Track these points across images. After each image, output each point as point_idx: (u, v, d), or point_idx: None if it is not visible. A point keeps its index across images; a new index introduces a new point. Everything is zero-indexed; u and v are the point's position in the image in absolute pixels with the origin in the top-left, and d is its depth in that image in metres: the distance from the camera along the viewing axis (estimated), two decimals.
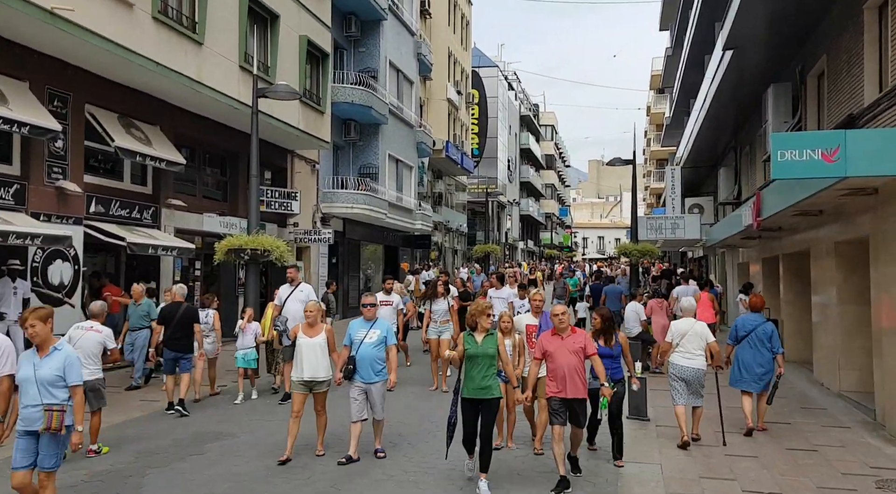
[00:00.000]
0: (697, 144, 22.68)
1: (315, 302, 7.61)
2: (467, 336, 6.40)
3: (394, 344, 7.28)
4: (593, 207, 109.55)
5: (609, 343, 7.39)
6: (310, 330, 7.27)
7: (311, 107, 18.17)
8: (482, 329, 6.38)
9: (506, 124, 51.42)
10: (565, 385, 6.38)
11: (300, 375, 7.14)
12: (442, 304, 11.46)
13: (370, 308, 7.30)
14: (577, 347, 6.48)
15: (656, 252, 20.32)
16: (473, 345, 6.29)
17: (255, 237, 12.03)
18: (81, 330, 7.42)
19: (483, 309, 6.42)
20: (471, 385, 6.26)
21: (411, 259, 30.34)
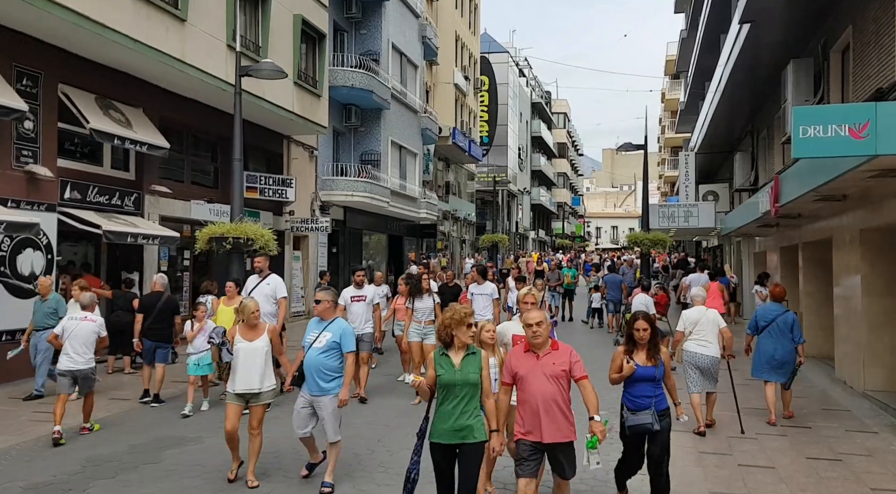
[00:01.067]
0: (712, 128, 21.74)
1: (254, 301, 6.27)
2: (440, 356, 4.60)
3: (351, 352, 5.90)
4: (607, 196, 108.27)
5: (652, 359, 5.34)
6: (249, 331, 6.05)
7: (307, 90, 17.43)
8: (460, 345, 4.58)
9: (516, 111, 50.46)
10: (539, 423, 4.58)
11: (233, 386, 5.98)
12: (427, 301, 10.02)
13: (320, 304, 6.01)
14: (559, 370, 4.67)
15: (668, 241, 19.45)
16: (449, 369, 4.50)
17: (238, 225, 11.32)
18: (76, 320, 7.77)
19: (461, 317, 4.56)
20: (443, 424, 4.46)
21: (417, 248, 29.62)
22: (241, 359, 5.96)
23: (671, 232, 23.13)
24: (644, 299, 12.59)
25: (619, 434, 5.55)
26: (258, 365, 5.97)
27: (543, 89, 65.48)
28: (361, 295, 9.98)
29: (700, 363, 8.10)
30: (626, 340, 5.53)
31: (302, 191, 19.64)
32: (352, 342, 5.94)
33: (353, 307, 9.78)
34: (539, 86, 63.44)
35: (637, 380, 5.32)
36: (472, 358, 4.58)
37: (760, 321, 8.73)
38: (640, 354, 5.37)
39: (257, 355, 5.98)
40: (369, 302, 9.99)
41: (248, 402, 6.01)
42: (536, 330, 4.71)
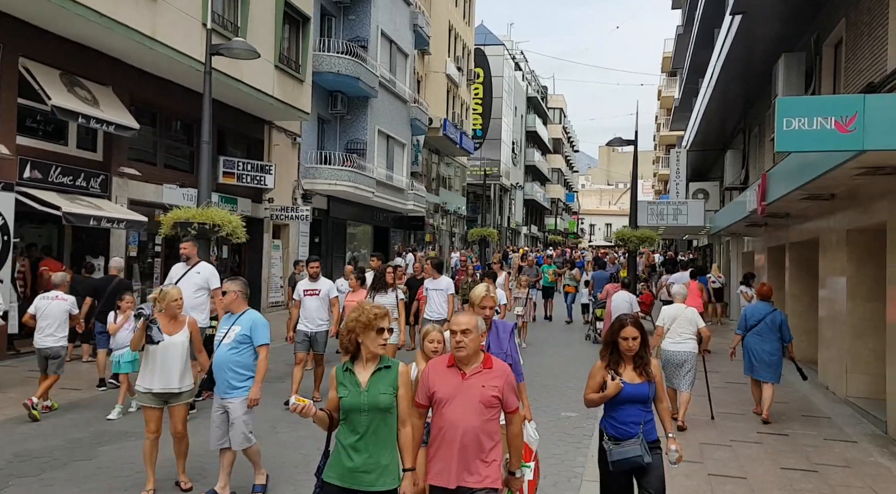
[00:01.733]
0: (705, 125, 21.37)
1: (176, 288, 5.61)
2: (342, 372, 3.51)
3: (263, 345, 5.26)
4: (602, 194, 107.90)
5: (644, 375, 4.24)
6: (169, 324, 5.42)
7: (289, 74, 16.97)
8: (369, 356, 3.50)
9: (511, 105, 49.99)
10: (451, 463, 3.49)
11: (149, 384, 5.36)
12: (389, 297, 9.28)
13: (227, 296, 5.38)
14: (489, 395, 3.53)
15: (656, 238, 19.08)
16: (353, 389, 3.43)
17: (205, 210, 10.86)
18: (48, 300, 8.01)
19: (370, 319, 3.46)
20: (341, 463, 3.43)
21: (404, 241, 29.21)
22: (160, 355, 5.35)
23: (660, 230, 22.76)
24: (626, 297, 12.21)
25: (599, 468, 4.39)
26: (178, 363, 5.38)
27: (540, 84, 64.98)
28: (316, 288, 8.95)
29: (675, 359, 8.14)
30: (606, 350, 4.37)
31: (283, 178, 19.20)
32: (264, 334, 5.29)
33: (307, 301, 8.84)
34: (535, 81, 62.94)
35: (623, 402, 4.18)
36: (384, 373, 3.47)
37: (749, 320, 8.76)
38: (628, 369, 4.23)
39: (177, 350, 5.39)
40: (324, 296, 8.95)
41: (166, 403, 5.44)
42: (461, 339, 3.54)
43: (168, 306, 5.43)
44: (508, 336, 4.75)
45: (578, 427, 8.07)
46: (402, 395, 3.49)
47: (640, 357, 4.26)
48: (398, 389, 3.49)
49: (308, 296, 8.87)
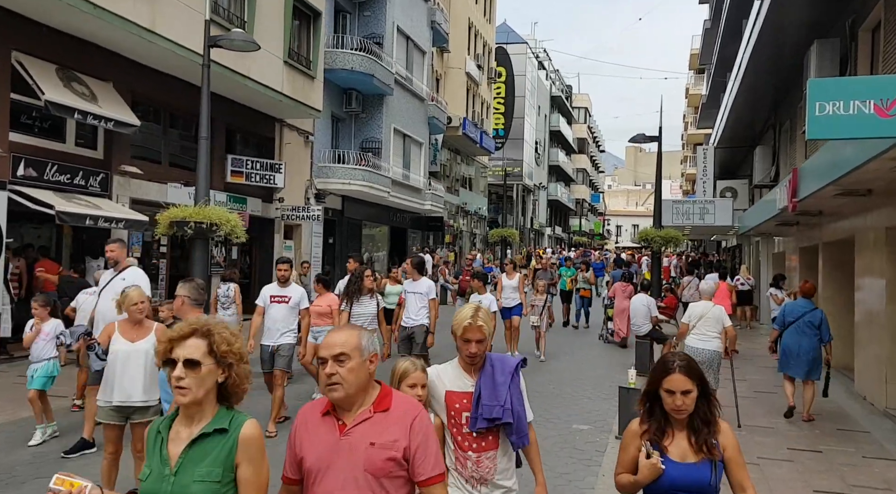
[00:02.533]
0: (733, 121, 20.54)
1: (138, 290, 4.95)
2: (153, 433, 2.30)
3: None
4: (629, 195, 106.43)
5: (705, 450, 2.73)
6: (132, 329, 4.88)
7: (299, 70, 16.53)
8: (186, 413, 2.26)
9: (534, 104, 49.24)
10: None
11: (109, 397, 4.82)
12: (368, 306, 8.35)
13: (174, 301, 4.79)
14: (380, 460, 2.27)
15: (682, 239, 18.27)
16: (157, 468, 2.19)
17: (202, 208, 10.42)
18: (88, 294, 8.22)
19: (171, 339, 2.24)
20: None
21: (422, 242, 28.67)
22: (120, 364, 4.81)
23: (686, 230, 21.93)
24: (644, 300, 11.50)
25: None
26: (140, 373, 4.83)
27: (564, 83, 64.08)
28: (284, 295, 7.65)
29: (699, 357, 7.86)
30: (643, 406, 2.87)
31: (295, 177, 18.78)
32: None
33: (273, 310, 7.61)
34: (560, 80, 62.06)
35: (670, 490, 2.71)
36: (210, 443, 2.18)
37: (788, 316, 8.64)
38: (678, 438, 2.76)
39: (140, 360, 4.82)
40: (294, 304, 7.64)
41: (128, 418, 4.91)
42: (334, 372, 2.27)
43: (129, 310, 4.86)
44: (509, 378, 3.15)
45: (591, 441, 7.43)
46: (246, 479, 2.17)
47: (698, 420, 2.74)
48: (236, 469, 2.17)
49: (275, 304, 7.64)
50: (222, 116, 15.71)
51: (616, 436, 7.43)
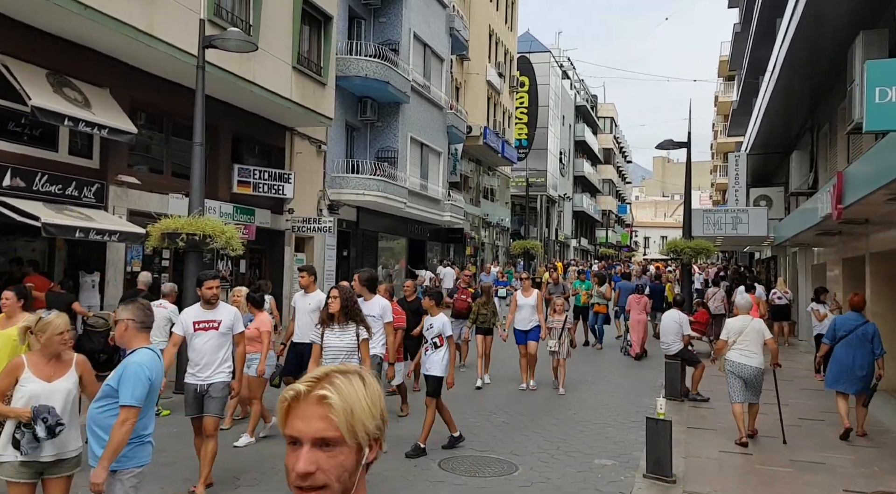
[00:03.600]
0: (766, 126, 19.46)
1: (63, 318, 4.03)
2: None
3: (128, 406, 3.63)
4: (657, 206, 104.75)
5: None
6: (48, 365, 3.99)
7: (309, 76, 15.89)
8: None
9: (558, 114, 48.35)
10: None
11: (15, 450, 3.86)
12: (345, 336, 6.13)
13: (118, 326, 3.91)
14: None
15: (713, 250, 17.22)
16: None
17: (195, 219, 9.76)
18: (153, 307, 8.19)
19: None
20: None
21: (442, 254, 27.86)
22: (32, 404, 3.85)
23: (717, 241, 20.85)
24: (676, 316, 10.53)
25: None
26: (66, 418, 3.93)
27: (589, 93, 63.11)
28: (213, 320, 5.87)
29: (743, 373, 7.85)
30: None
31: (307, 188, 18.14)
32: (131, 389, 3.64)
33: (197, 340, 5.89)
34: (584, 90, 61.11)
35: None
36: None
37: (839, 331, 8.40)
38: None
39: (58, 401, 3.91)
40: (225, 330, 5.91)
41: (41, 474, 3.96)
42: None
43: (52, 340, 3.95)
44: None
45: (614, 481, 6.52)
46: None
47: None
48: None
49: (200, 332, 5.88)
50: (228, 124, 15.13)
51: (644, 474, 6.51)
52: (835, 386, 8.35)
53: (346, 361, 5.32)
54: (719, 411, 9.60)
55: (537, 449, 7.41)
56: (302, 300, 8.00)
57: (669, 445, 6.54)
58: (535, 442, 7.69)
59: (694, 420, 9.09)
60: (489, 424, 8.50)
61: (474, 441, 7.69)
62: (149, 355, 3.82)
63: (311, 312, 7.61)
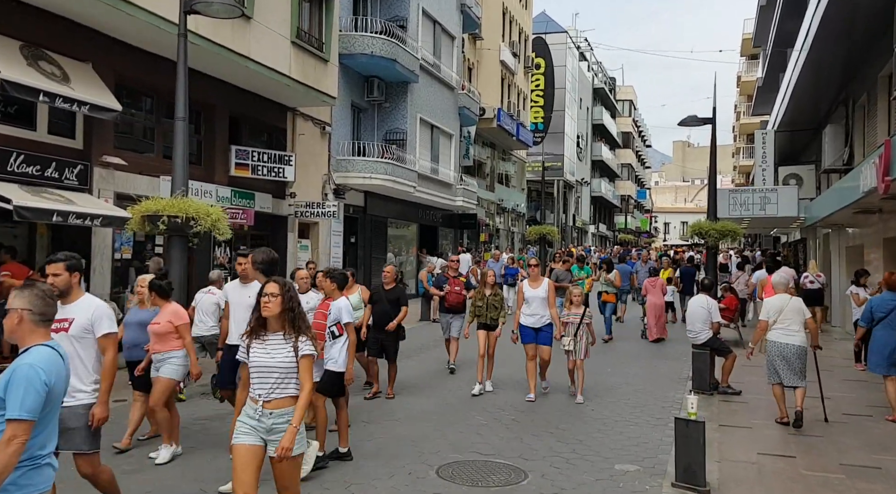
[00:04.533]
0: (795, 101, 18.38)
1: None
2: None
3: (13, 420, 2.82)
4: (677, 191, 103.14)
5: None
6: None
7: (310, 52, 15.05)
8: None
9: (575, 97, 47.15)
10: None
11: None
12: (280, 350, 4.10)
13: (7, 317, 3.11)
14: None
15: (740, 232, 16.18)
16: None
17: (177, 200, 8.99)
18: (203, 293, 8.92)
19: None
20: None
21: (455, 241, 27.01)
22: None
23: (744, 222, 19.80)
24: (704, 302, 9.60)
25: None
26: None
27: (607, 75, 61.69)
28: (63, 319, 4.34)
29: (785, 352, 7.67)
30: None
31: (312, 171, 17.35)
32: (20, 399, 2.84)
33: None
34: (602, 72, 59.72)
35: None
36: None
37: (876, 312, 8.08)
38: None
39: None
40: (80, 332, 4.42)
41: None
42: None
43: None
44: None
45: (638, 491, 5.66)
46: None
47: None
48: None
49: (54, 334, 3.95)
50: (226, 104, 14.36)
51: (673, 483, 5.66)
52: (878, 370, 7.99)
53: (280, 386, 3.90)
54: (753, 405, 8.72)
55: (549, 453, 6.57)
56: (237, 291, 6.46)
57: (703, 450, 5.67)
58: (548, 444, 6.85)
59: (726, 416, 8.19)
60: (497, 422, 7.67)
61: (479, 442, 6.86)
62: (46, 354, 3.01)
63: (250, 307, 5.91)
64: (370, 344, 8.93)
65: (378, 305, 8.92)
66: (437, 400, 8.72)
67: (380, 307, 8.89)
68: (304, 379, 3.93)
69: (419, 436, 7.02)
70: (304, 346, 3.95)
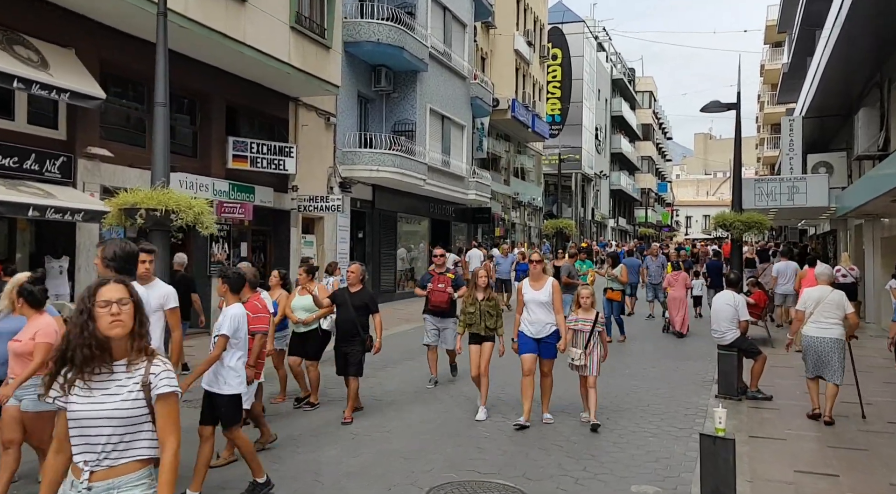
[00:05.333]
0: (824, 85, 17.35)
1: None
2: None
3: None
4: (699, 184, 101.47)
5: None
6: None
7: (310, 38, 14.37)
8: None
9: (594, 88, 46.11)
10: None
11: None
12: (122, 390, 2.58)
13: None
14: None
15: (766, 223, 15.23)
16: None
17: (156, 192, 8.33)
18: None
19: None
20: None
21: (468, 235, 26.24)
22: None
23: (770, 213, 18.82)
24: (730, 299, 8.74)
25: None
26: None
27: (626, 66, 60.46)
28: None
29: (819, 347, 7.36)
30: None
31: (316, 164, 16.70)
32: None
33: None
34: (621, 63, 58.51)
35: None
36: None
37: None
38: None
39: None
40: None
41: None
42: None
43: None
44: None
45: None
46: None
47: None
48: None
49: None
50: (222, 93, 13.74)
51: None
52: None
53: (118, 447, 2.53)
54: (787, 412, 7.90)
55: (557, 471, 5.81)
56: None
57: (733, 470, 4.89)
58: (556, 460, 6.10)
59: (756, 426, 7.38)
60: (501, 434, 6.91)
61: (478, 459, 6.12)
62: None
63: (154, 314, 5.00)
64: (312, 352, 7.87)
65: (342, 311, 7.39)
66: (438, 409, 7.97)
67: (344, 313, 7.35)
68: (166, 434, 2.56)
69: (412, 452, 6.30)
70: (160, 380, 2.57)
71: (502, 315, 7.71)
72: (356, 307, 7.29)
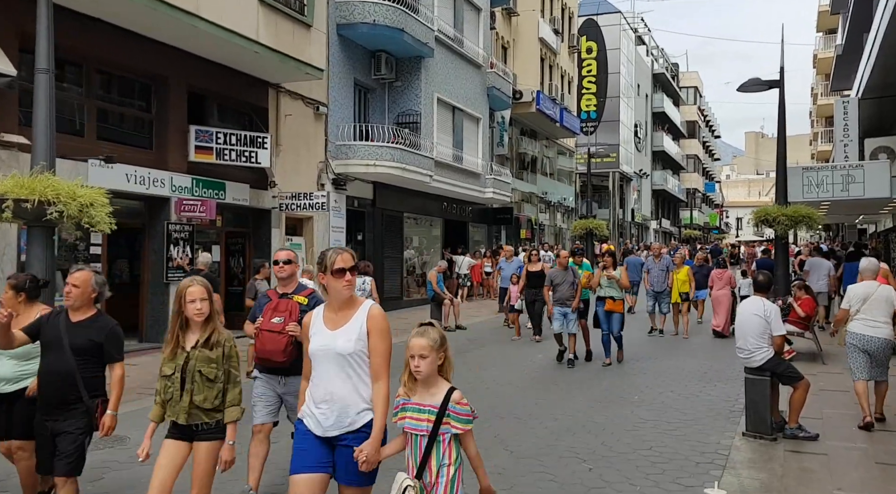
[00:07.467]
0: (884, 59, 15.06)
1: None
2: None
3: None
4: (750, 185, 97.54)
5: None
6: None
7: (285, 14, 12.82)
8: None
9: (632, 82, 43.73)
10: None
11: None
12: None
13: None
14: None
15: (817, 218, 12.92)
16: None
17: (33, 179, 6.77)
18: None
19: None
20: None
21: (488, 238, 24.36)
22: None
23: (822, 207, 16.47)
24: (760, 309, 6.62)
25: None
26: None
27: (669, 61, 57.74)
28: None
29: (868, 346, 6.72)
30: None
31: (304, 158, 15.15)
32: None
33: None
34: (664, 57, 55.85)
35: None
36: None
37: None
38: None
39: None
40: None
41: None
42: None
43: None
44: None
45: None
46: None
47: None
48: None
49: None
50: (182, 76, 12.27)
51: None
52: None
53: None
54: (837, 457, 5.88)
55: None
56: None
57: None
58: None
59: (795, 481, 5.38)
60: None
61: None
62: None
63: None
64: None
65: (50, 355, 4.19)
66: None
67: (54, 359, 4.13)
68: None
69: None
70: None
71: None
72: (76, 349, 4.11)
